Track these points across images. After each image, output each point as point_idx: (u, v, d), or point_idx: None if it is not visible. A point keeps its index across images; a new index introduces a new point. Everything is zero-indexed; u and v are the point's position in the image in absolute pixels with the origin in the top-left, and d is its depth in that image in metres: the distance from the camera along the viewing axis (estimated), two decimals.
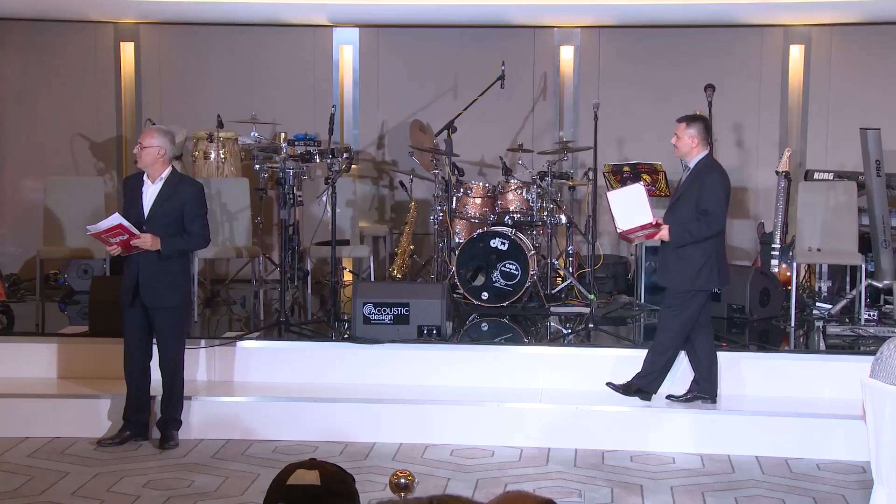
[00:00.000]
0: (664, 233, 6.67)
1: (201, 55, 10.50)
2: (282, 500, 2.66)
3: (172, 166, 6.68)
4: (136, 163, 6.64)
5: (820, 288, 9.11)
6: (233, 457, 6.56)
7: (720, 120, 9.05)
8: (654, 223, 6.65)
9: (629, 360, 7.20)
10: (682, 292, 6.71)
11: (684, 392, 6.93)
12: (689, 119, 6.77)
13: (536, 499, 2.51)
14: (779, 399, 7.00)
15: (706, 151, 6.74)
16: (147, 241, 6.43)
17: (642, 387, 6.82)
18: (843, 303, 8.52)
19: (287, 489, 2.66)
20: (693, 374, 6.92)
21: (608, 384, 6.86)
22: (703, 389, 6.88)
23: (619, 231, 6.89)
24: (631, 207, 6.75)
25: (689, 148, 6.72)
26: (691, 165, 6.76)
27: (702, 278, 6.66)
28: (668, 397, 6.94)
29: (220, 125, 9.37)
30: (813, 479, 6.28)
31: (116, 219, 6.39)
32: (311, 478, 2.68)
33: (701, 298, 6.73)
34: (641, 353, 7.30)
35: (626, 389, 6.83)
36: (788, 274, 8.50)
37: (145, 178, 6.60)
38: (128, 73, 10.55)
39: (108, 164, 10.50)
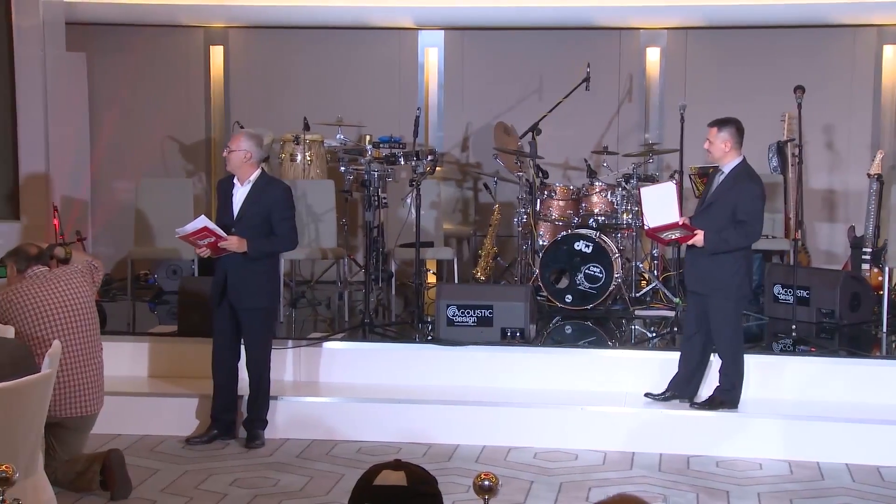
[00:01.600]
0: (699, 238, 6.57)
1: (288, 58, 10.62)
2: (369, 500, 2.68)
3: (262, 169, 6.75)
4: (227, 166, 6.75)
5: None
6: (317, 457, 6.62)
7: (810, 122, 8.89)
8: (679, 223, 6.59)
9: (714, 365, 7.13)
10: (723, 301, 6.62)
11: (663, 390, 6.89)
12: (721, 123, 6.68)
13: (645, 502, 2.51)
14: (870, 406, 6.85)
15: (740, 156, 6.65)
16: (234, 244, 6.51)
17: (726, 400, 6.76)
18: None
19: (374, 489, 2.67)
20: (677, 370, 6.87)
21: (692, 405, 6.80)
22: (683, 390, 6.84)
23: (646, 228, 6.86)
24: (661, 205, 6.71)
25: (723, 153, 6.63)
26: (726, 171, 6.67)
27: (734, 285, 6.60)
28: (647, 395, 6.91)
29: (307, 127, 9.48)
30: None
31: (202, 221, 6.48)
32: (397, 478, 2.69)
33: (741, 304, 6.76)
34: None
35: (711, 404, 6.77)
36: (880, 279, 8.32)
37: (235, 180, 6.69)
38: (217, 76, 10.72)
39: (197, 165, 10.68)
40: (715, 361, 6.92)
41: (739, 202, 6.52)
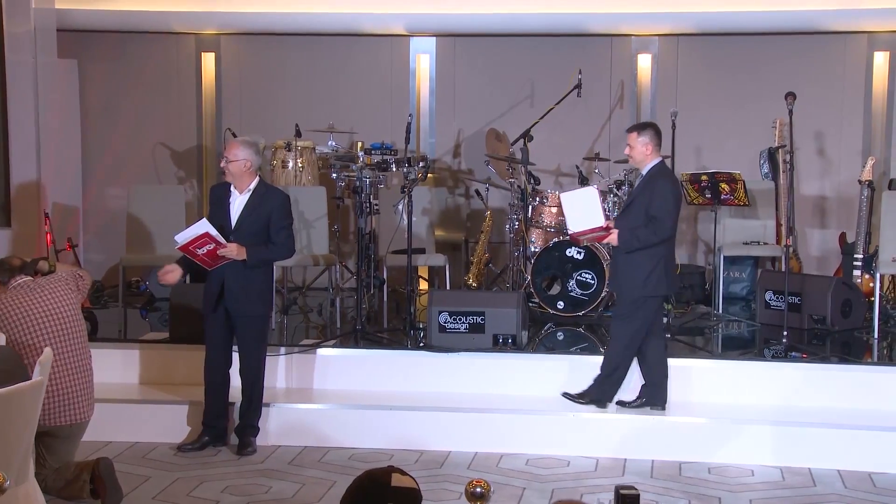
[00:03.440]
0: (613, 237, 6.72)
1: (280, 65, 10.61)
2: (392, 500, 2.70)
3: (260, 176, 6.73)
4: (225, 175, 6.72)
5: None
6: (309, 463, 6.61)
7: (801, 128, 8.90)
8: (604, 227, 6.71)
9: (706, 371, 7.15)
10: (632, 299, 6.74)
11: (634, 398, 6.94)
12: (640, 127, 6.84)
13: None
14: (862, 412, 6.86)
15: (659, 158, 6.79)
16: (233, 251, 6.48)
17: (597, 395, 6.86)
18: None
19: (394, 491, 2.70)
20: (643, 380, 6.94)
21: (564, 394, 6.94)
22: (653, 397, 6.89)
23: (569, 233, 7.01)
24: (583, 210, 6.84)
25: (643, 156, 6.76)
26: (644, 172, 6.81)
27: (650, 284, 6.69)
28: (619, 403, 6.95)
29: (298, 134, 9.48)
30: None
31: (204, 225, 6.44)
32: (408, 481, 2.75)
33: (651, 304, 6.78)
34: (718, 364, 7.26)
35: (582, 397, 6.88)
36: (871, 285, 8.34)
37: (232, 188, 6.66)
38: (208, 83, 10.72)
39: (189, 172, 10.66)
40: (674, 363, 7.02)
41: (652, 200, 6.65)
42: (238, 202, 6.63)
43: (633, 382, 6.99)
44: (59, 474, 5.65)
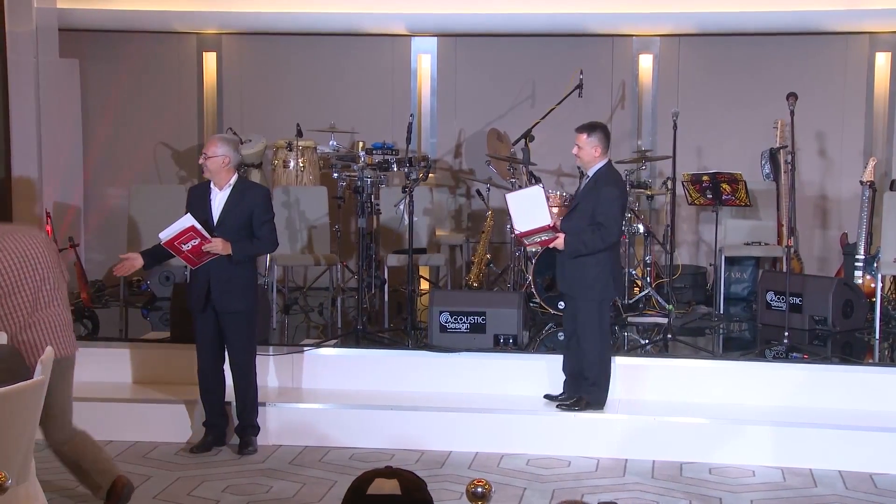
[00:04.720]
0: (559, 241, 6.68)
1: (281, 65, 10.62)
2: None
3: (239, 174, 6.74)
4: (203, 172, 6.74)
5: None
6: (310, 463, 6.61)
7: (803, 129, 8.91)
8: (551, 226, 6.68)
9: (707, 371, 7.15)
10: (587, 301, 6.73)
11: (560, 392, 7.00)
12: (589, 128, 6.78)
13: None
14: (863, 413, 6.85)
15: (606, 160, 6.76)
16: (218, 246, 6.48)
17: (592, 400, 6.85)
18: None
19: (368, 499, 2.64)
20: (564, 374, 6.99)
21: (559, 406, 6.90)
22: (577, 391, 6.90)
23: (516, 233, 6.99)
24: (530, 209, 6.79)
25: (592, 157, 6.73)
26: (590, 174, 6.77)
27: (598, 288, 6.70)
28: (546, 396, 7.03)
29: (300, 134, 9.48)
30: None
31: (188, 220, 6.43)
32: (391, 487, 2.67)
33: (607, 306, 6.86)
34: (719, 365, 7.25)
35: (578, 404, 6.86)
36: (873, 286, 8.34)
37: (212, 186, 6.67)
38: (210, 82, 10.72)
39: (190, 172, 10.66)
40: (676, 363, 7.11)
41: (598, 205, 6.62)
42: (219, 199, 6.63)
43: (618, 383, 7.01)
44: (74, 448, 5.43)
